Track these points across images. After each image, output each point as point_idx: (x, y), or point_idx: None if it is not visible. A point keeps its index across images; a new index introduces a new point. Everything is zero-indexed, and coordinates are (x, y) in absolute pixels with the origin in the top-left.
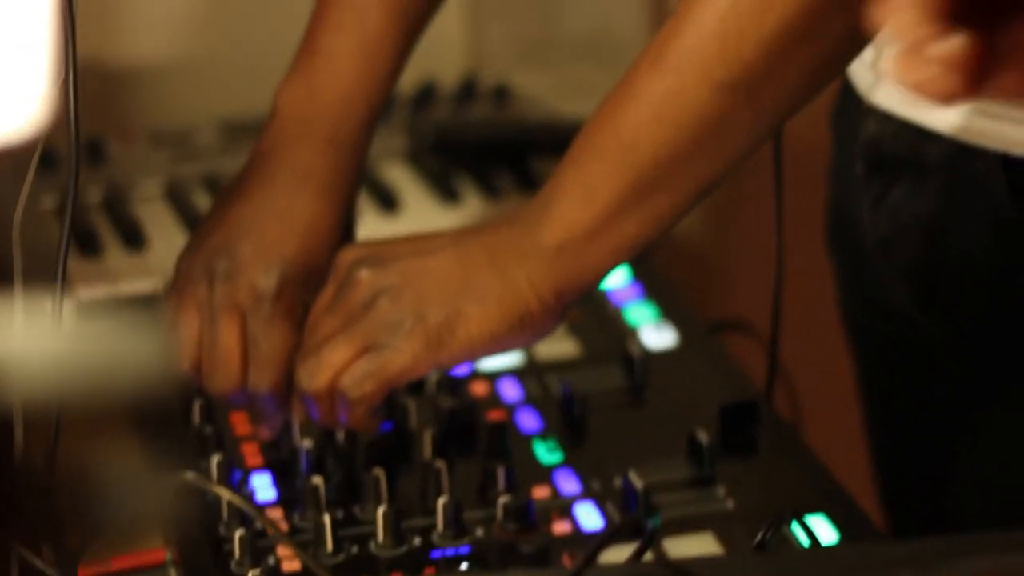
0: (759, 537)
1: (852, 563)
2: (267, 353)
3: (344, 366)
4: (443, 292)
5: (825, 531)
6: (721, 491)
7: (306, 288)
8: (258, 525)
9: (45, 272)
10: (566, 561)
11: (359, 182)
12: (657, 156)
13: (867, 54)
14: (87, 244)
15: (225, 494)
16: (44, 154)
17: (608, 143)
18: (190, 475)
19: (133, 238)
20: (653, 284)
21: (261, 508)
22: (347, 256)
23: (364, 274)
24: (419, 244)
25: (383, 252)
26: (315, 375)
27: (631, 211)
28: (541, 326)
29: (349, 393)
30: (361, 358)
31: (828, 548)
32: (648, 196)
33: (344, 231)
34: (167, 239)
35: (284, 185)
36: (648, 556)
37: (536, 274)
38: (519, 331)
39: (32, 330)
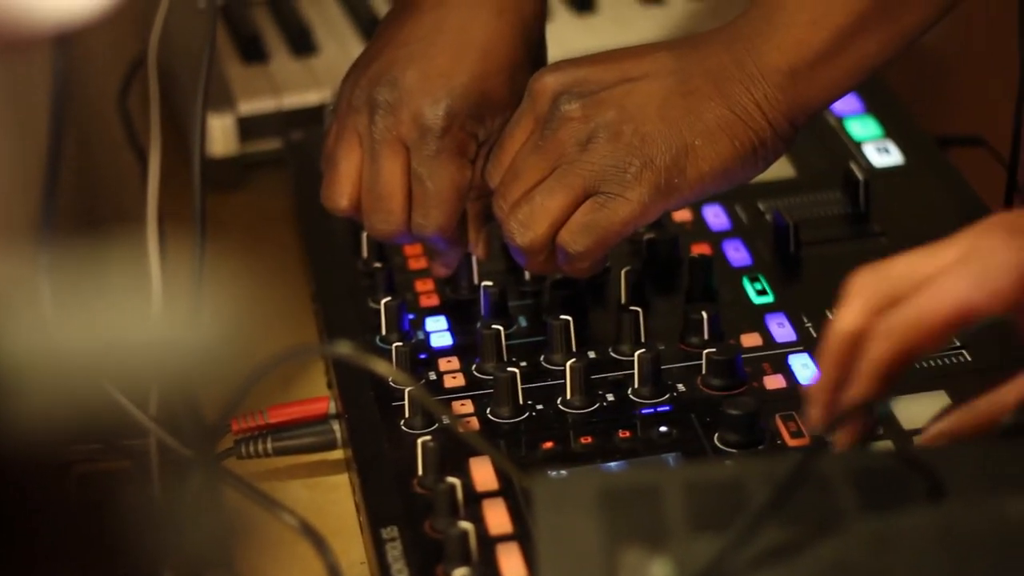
0: (1008, 419)
1: None
2: (433, 192)
3: (563, 216)
4: (667, 127)
5: None
6: (955, 340)
7: (479, 121)
8: (431, 375)
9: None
10: (779, 423)
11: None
12: None
13: None
14: (250, 49)
15: (383, 369)
16: None
17: None
18: (345, 347)
19: (302, 42)
20: (875, 96)
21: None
22: (547, 83)
23: (573, 107)
24: (627, 66)
25: (588, 78)
26: (530, 226)
27: (871, 30)
28: (773, 154)
29: (569, 247)
30: (581, 208)
31: None
32: (893, 13)
33: (532, 55)
34: (340, 44)
35: (459, 2)
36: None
37: (767, 100)
38: (752, 163)
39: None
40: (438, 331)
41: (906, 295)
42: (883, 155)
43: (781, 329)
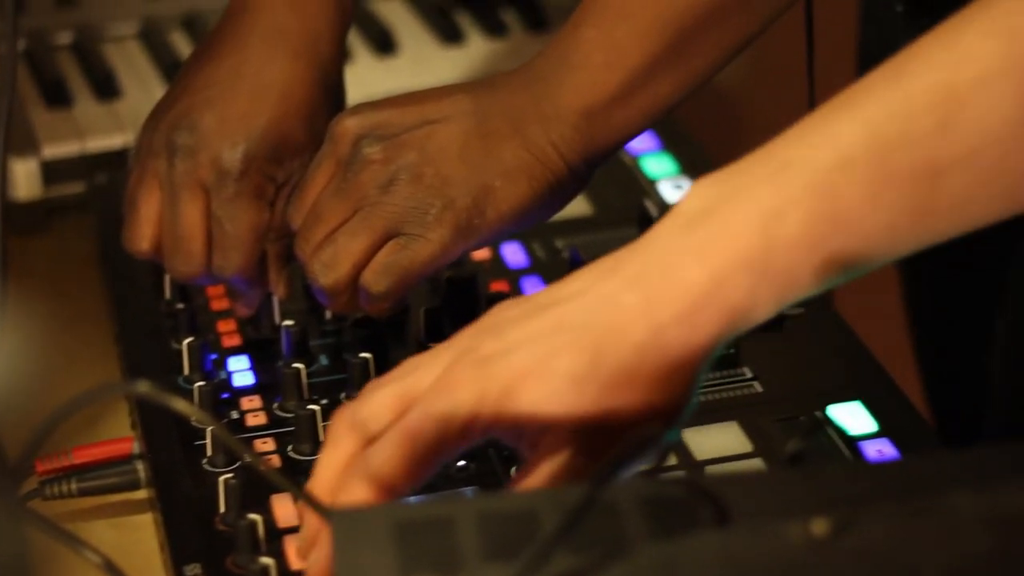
0: (792, 446)
1: (906, 482)
2: (232, 235)
3: (365, 257)
4: (467, 168)
5: (862, 420)
6: (746, 372)
7: (278, 163)
8: (234, 414)
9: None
10: None
11: (343, 42)
12: (695, 11)
13: None
14: (54, 93)
15: (184, 408)
16: None
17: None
18: (145, 386)
19: (105, 87)
20: (671, 134)
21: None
22: (348, 126)
23: (375, 150)
24: (427, 108)
25: (389, 121)
26: (333, 268)
27: (664, 71)
28: (571, 193)
29: (372, 288)
30: (383, 249)
31: (879, 465)
32: (684, 55)
33: (331, 97)
34: (143, 88)
35: (256, 47)
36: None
37: (563, 140)
38: (549, 202)
39: None
40: (240, 370)
41: (380, 430)
42: (679, 192)
43: None
